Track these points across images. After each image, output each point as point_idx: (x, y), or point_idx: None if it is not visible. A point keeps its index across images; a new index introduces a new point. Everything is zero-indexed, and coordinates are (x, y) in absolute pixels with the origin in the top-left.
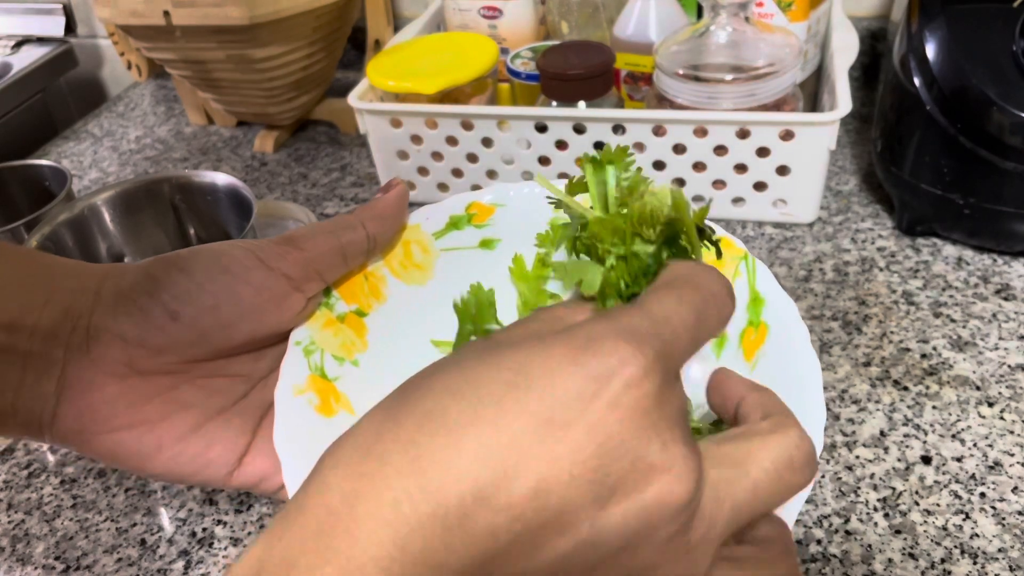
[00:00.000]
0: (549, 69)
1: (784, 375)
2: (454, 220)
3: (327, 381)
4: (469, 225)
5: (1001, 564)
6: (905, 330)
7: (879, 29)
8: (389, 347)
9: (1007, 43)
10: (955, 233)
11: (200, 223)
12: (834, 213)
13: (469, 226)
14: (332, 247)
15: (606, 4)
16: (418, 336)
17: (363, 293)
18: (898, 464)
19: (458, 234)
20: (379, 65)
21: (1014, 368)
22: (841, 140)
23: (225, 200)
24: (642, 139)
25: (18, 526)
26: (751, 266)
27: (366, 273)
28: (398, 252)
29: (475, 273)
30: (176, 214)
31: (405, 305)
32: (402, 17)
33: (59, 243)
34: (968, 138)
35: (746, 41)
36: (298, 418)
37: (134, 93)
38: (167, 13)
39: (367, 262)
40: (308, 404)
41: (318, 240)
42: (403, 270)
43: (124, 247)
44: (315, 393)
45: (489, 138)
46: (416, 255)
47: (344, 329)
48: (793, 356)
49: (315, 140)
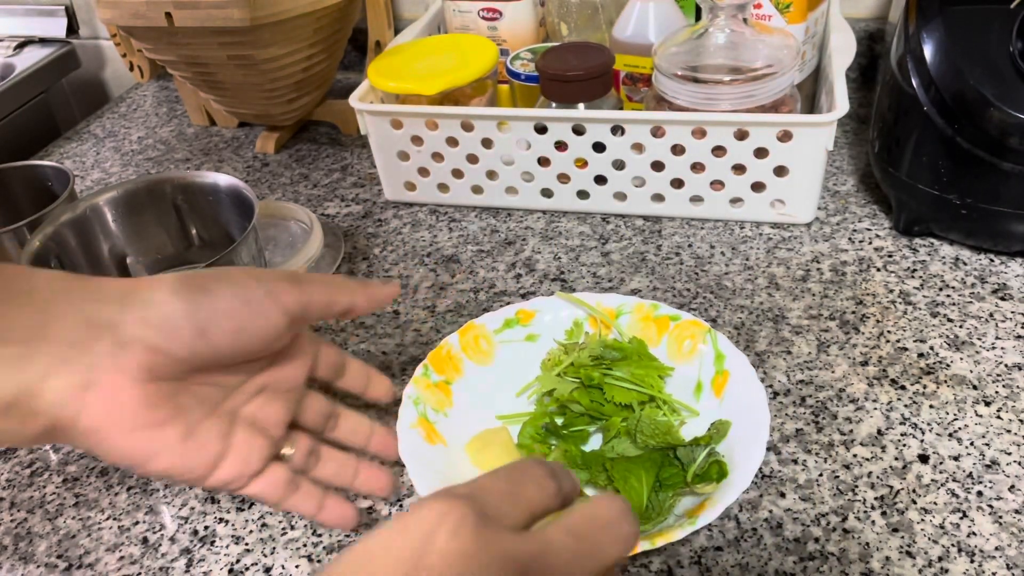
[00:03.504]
0: (548, 70)
1: (742, 402)
2: (508, 321)
3: (429, 423)
4: (518, 324)
5: (998, 562)
6: (902, 330)
7: (877, 30)
8: (466, 405)
9: (1004, 44)
10: (952, 233)
11: (202, 223)
12: (832, 213)
13: (518, 325)
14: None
15: (605, 6)
16: (485, 401)
17: (449, 368)
18: (895, 463)
19: (510, 331)
20: (380, 66)
21: (1011, 367)
22: (839, 141)
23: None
24: (641, 140)
25: (21, 524)
26: (713, 335)
27: (450, 355)
28: (471, 342)
29: (521, 357)
30: (178, 214)
31: (476, 378)
32: (402, 18)
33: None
34: (965, 139)
35: (744, 42)
36: (413, 442)
37: (136, 94)
38: (169, 15)
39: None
40: (418, 435)
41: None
42: (474, 354)
43: (127, 247)
44: (422, 429)
45: (489, 139)
46: (483, 345)
47: (437, 391)
48: (747, 389)
49: (316, 141)
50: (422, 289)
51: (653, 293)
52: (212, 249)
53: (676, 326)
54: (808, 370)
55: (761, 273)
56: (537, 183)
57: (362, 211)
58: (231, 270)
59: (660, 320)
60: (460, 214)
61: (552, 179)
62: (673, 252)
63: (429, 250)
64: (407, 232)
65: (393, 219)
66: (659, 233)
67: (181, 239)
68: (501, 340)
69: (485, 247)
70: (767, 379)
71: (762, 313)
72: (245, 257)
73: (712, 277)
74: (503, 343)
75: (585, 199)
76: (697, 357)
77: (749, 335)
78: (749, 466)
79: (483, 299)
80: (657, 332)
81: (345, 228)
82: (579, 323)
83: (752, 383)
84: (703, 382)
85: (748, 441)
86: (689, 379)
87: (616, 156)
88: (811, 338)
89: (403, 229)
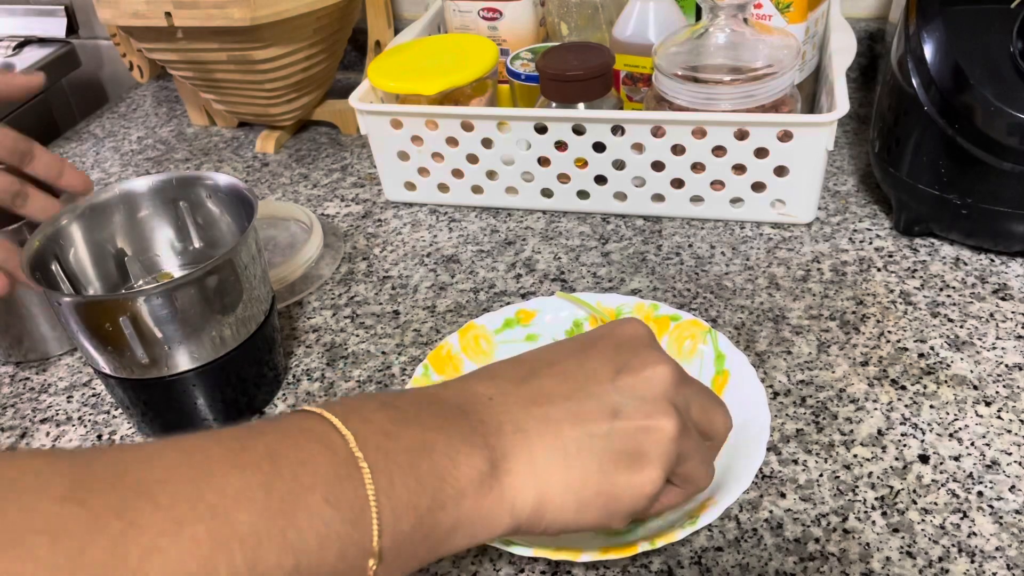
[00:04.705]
0: (548, 70)
1: (743, 402)
2: (508, 321)
3: None
4: (518, 325)
5: (999, 563)
6: (903, 330)
7: (877, 30)
8: None
9: (1005, 44)
10: (953, 233)
11: (202, 223)
12: (832, 213)
13: (518, 325)
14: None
15: (605, 5)
16: None
17: (449, 368)
18: (896, 463)
19: (510, 331)
20: (380, 66)
21: (1011, 368)
22: (839, 141)
23: (228, 200)
24: (641, 140)
25: None
26: (714, 335)
27: (450, 355)
28: (471, 342)
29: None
30: (179, 214)
31: None
32: (402, 18)
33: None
34: (966, 139)
35: (744, 42)
36: None
37: (136, 94)
38: (169, 14)
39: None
40: None
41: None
42: (474, 354)
43: (128, 247)
44: None
45: (489, 139)
46: (483, 345)
47: None
48: (747, 389)
49: (316, 141)
50: (422, 289)
51: (653, 293)
52: (212, 248)
53: (676, 326)
54: (808, 370)
55: (761, 273)
56: (537, 183)
57: (362, 211)
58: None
59: (660, 320)
60: (460, 214)
61: (552, 179)
62: (673, 252)
63: (429, 250)
64: (407, 232)
65: (393, 219)
66: (659, 233)
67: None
68: (501, 340)
69: (485, 247)
70: (767, 379)
71: (762, 313)
72: (245, 258)
73: (712, 277)
74: (503, 343)
75: (585, 199)
76: (697, 357)
77: (749, 335)
78: (749, 466)
79: (483, 299)
80: (657, 332)
81: (345, 228)
82: (579, 323)
83: (752, 383)
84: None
85: (748, 441)
86: None
87: (616, 156)
88: (811, 338)
89: (403, 229)
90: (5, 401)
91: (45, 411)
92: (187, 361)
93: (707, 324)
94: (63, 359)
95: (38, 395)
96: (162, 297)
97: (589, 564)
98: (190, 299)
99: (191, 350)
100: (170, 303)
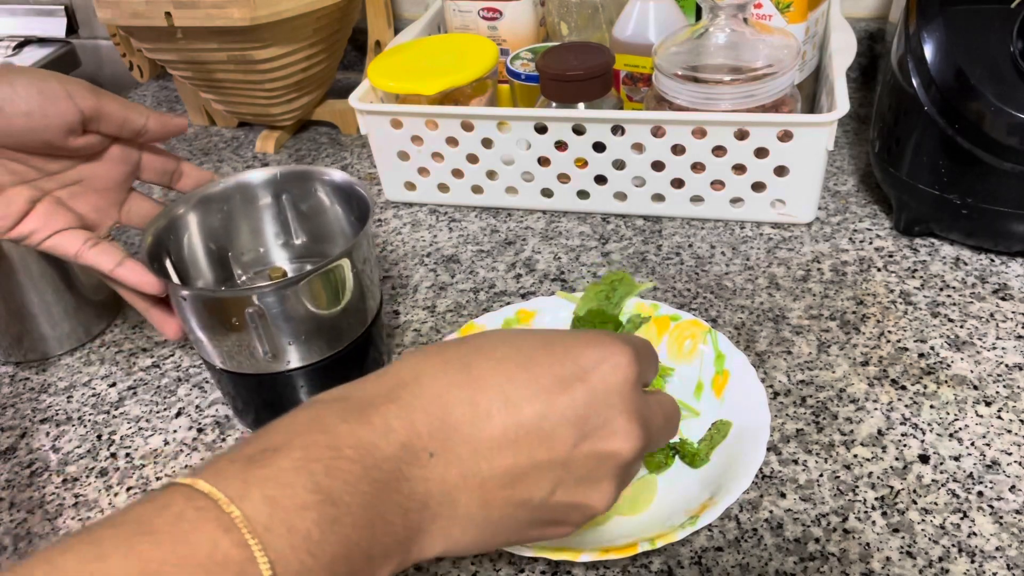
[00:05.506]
0: (548, 70)
1: (743, 402)
2: (508, 321)
3: None
4: (518, 324)
5: (999, 563)
6: (903, 330)
7: (877, 30)
8: None
9: (1005, 44)
10: (953, 233)
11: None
12: (832, 213)
13: (518, 325)
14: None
15: (605, 5)
16: None
17: None
18: (896, 463)
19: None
20: (380, 66)
21: (1011, 368)
22: (839, 141)
23: (339, 197)
24: (641, 140)
25: (20, 524)
26: (714, 335)
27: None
28: None
29: None
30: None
31: None
32: (402, 18)
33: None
34: (966, 139)
35: (744, 42)
36: None
37: (136, 94)
38: (169, 14)
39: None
40: None
41: (114, 103)
42: None
43: (233, 241)
44: None
45: (489, 139)
46: None
47: None
48: (747, 388)
49: (316, 141)
50: (422, 289)
51: (653, 293)
52: (317, 244)
53: (676, 326)
54: (808, 370)
55: (761, 273)
56: (537, 183)
57: None
58: (38, 70)
59: (660, 320)
60: (460, 214)
61: (552, 179)
62: (673, 252)
63: (429, 250)
64: (407, 232)
65: (393, 219)
66: (659, 233)
67: (284, 233)
68: None
69: (485, 247)
70: (767, 379)
71: (762, 313)
72: (366, 251)
73: (712, 277)
74: None
75: (585, 199)
76: (697, 357)
77: (749, 335)
78: (749, 466)
79: (483, 299)
80: (657, 332)
81: None
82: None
83: (752, 383)
84: (703, 382)
85: (748, 441)
86: (689, 379)
87: (616, 156)
88: (811, 338)
89: (403, 229)
90: (5, 401)
91: (45, 411)
92: (307, 356)
93: (707, 324)
94: (63, 359)
95: (38, 395)
96: (291, 292)
97: (589, 564)
98: (314, 294)
99: (310, 346)
100: (296, 298)
